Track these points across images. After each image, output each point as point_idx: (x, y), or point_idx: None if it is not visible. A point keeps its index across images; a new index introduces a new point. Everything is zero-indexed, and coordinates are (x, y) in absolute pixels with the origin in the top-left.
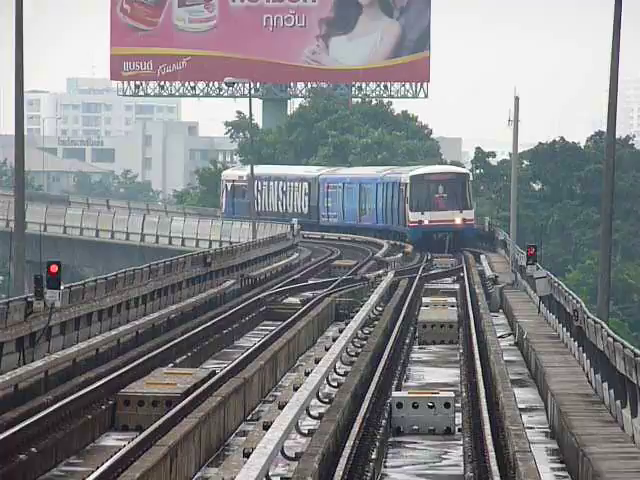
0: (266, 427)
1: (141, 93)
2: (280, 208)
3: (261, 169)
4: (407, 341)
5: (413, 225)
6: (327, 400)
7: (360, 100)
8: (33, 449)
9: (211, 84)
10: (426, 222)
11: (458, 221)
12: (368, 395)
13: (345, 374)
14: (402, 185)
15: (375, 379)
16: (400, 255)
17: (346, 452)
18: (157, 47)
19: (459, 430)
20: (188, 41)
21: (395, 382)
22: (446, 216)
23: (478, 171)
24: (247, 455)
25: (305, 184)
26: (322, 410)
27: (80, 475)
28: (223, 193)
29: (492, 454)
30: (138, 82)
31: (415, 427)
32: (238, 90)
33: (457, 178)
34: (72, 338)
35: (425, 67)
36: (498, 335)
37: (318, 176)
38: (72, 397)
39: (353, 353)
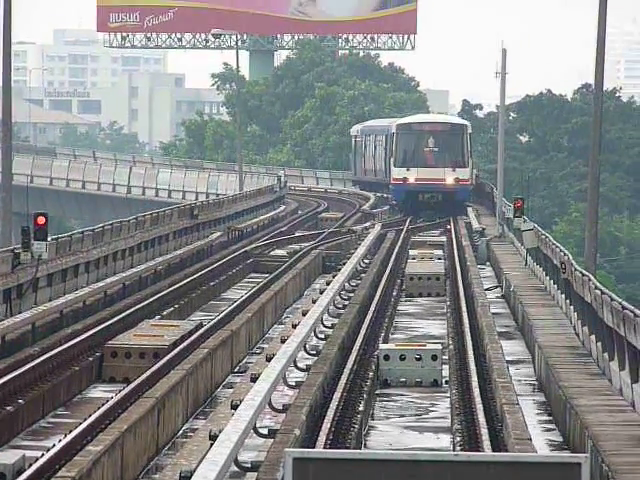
0: (254, 379)
1: (127, 45)
2: (373, 165)
3: (370, 123)
4: (394, 294)
5: (396, 182)
6: (314, 352)
7: (347, 52)
8: (20, 401)
9: (198, 36)
10: (411, 180)
11: (450, 180)
12: (355, 347)
13: (332, 326)
14: (391, 136)
15: (362, 331)
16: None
17: (333, 404)
18: None
19: (446, 382)
20: None
21: (382, 334)
22: (435, 174)
23: None
24: (235, 407)
25: (383, 137)
26: (309, 362)
27: (67, 427)
28: (351, 152)
29: (479, 406)
30: (124, 34)
31: (402, 379)
32: (225, 42)
33: (452, 129)
34: (59, 290)
35: (412, 19)
36: (485, 287)
37: (392, 126)
38: (59, 349)
39: (340, 305)
